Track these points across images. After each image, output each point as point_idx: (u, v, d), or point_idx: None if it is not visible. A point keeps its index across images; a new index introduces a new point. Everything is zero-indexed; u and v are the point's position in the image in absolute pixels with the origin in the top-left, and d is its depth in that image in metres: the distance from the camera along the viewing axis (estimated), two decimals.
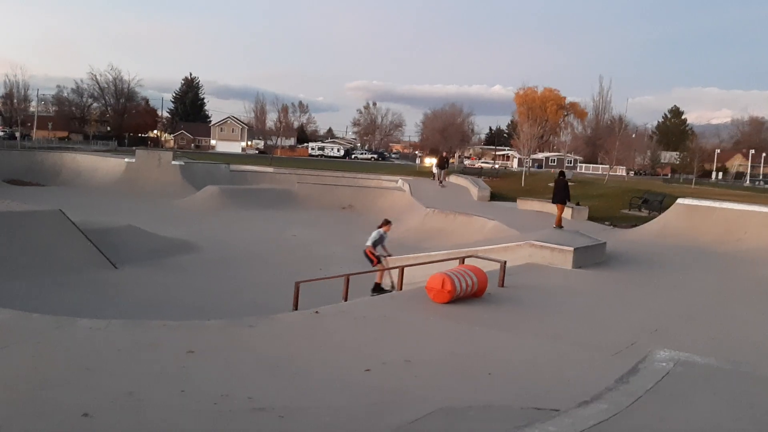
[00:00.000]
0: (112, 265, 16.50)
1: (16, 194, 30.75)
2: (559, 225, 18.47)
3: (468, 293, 9.23)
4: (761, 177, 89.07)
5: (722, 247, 16.66)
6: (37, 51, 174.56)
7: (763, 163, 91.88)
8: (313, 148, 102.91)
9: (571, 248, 13.11)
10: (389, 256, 14.09)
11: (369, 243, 13.80)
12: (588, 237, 15.10)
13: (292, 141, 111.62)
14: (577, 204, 27.21)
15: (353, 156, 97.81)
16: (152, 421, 4.57)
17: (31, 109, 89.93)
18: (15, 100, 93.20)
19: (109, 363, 5.84)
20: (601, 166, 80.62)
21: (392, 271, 13.09)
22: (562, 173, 20.73)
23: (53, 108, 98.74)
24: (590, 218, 25.89)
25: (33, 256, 15.04)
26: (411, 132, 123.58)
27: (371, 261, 13.64)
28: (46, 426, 4.32)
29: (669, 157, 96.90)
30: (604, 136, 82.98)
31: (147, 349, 6.41)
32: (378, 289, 13.30)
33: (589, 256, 13.66)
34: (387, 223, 14.64)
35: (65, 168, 45.60)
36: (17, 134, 74.11)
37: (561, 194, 19.43)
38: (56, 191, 36.88)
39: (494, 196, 35.07)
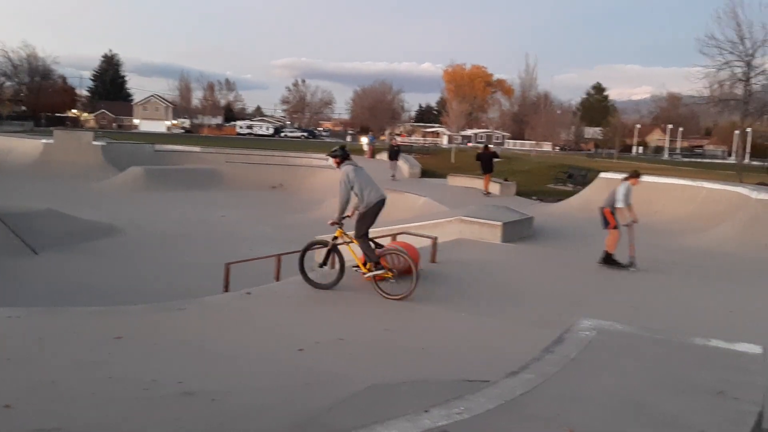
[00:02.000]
0: (31, 250, 15.82)
1: None
2: (487, 191, 23.62)
3: (400, 270, 9.31)
4: (678, 150, 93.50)
5: (643, 219, 17.37)
6: None
7: (681, 138, 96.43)
8: (241, 127, 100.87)
9: (500, 223, 13.42)
10: (634, 222, 11.47)
11: (616, 202, 11.34)
12: (516, 212, 15.48)
13: (219, 119, 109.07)
14: (506, 179, 27.88)
15: (283, 134, 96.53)
16: (80, 409, 4.43)
17: None
18: None
19: (30, 352, 5.61)
20: (528, 142, 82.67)
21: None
22: (486, 146, 26.07)
23: None
24: (518, 193, 26.59)
25: None
26: (341, 110, 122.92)
27: (607, 223, 11.37)
28: None
29: (592, 132, 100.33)
30: (530, 113, 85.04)
31: (71, 336, 6.20)
32: (609, 260, 11.31)
33: (517, 231, 14.02)
34: (635, 175, 11.94)
35: None
36: None
37: (488, 164, 24.62)
38: None
39: (425, 173, 35.42)
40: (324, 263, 9.40)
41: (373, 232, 14.19)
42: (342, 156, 8.81)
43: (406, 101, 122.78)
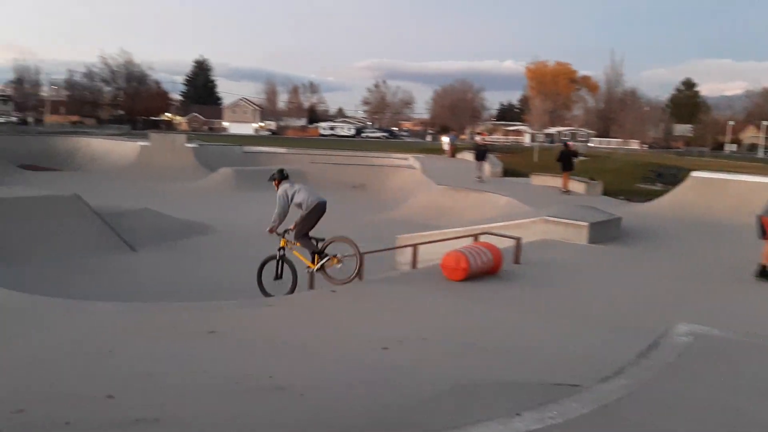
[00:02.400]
0: (130, 247, 16.69)
1: (32, 179, 31.07)
2: (566, 189, 23.22)
3: (483, 270, 9.28)
4: None
5: (737, 220, 16.52)
6: (45, 34, 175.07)
7: None
8: (324, 128, 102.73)
9: (586, 223, 13.08)
10: None
11: None
12: (603, 212, 15.05)
13: (303, 121, 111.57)
14: (591, 179, 27.10)
15: (363, 135, 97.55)
16: (176, 401, 4.67)
17: (42, 93, 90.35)
18: (26, 85, 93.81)
19: (130, 345, 5.95)
20: (614, 139, 79.95)
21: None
22: (566, 144, 25.90)
23: (65, 92, 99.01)
24: (605, 193, 25.79)
25: (51, 241, 15.24)
26: (421, 109, 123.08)
27: (763, 232, 10.09)
28: (69, 408, 4.42)
29: (682, 129, 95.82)
30: (616, 110, 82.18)
31: (167, 330, 6.52)
32: (766, 273, 10.15)
33: (604, 231, 13.63)
34: None
35: (79, 152, 45.90)
36: (29, 119, 74.40)
37: (567, 162, 24.22)
38: (71, 176, 37.17)
39: (507, 172, 34.93)
40: (278, 276, 10.08)
41: (454, 232, 14.22)
42: (280, 177, 10.14)
43: (487, 99, 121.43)
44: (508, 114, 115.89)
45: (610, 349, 5.82)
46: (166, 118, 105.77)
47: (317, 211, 9.83)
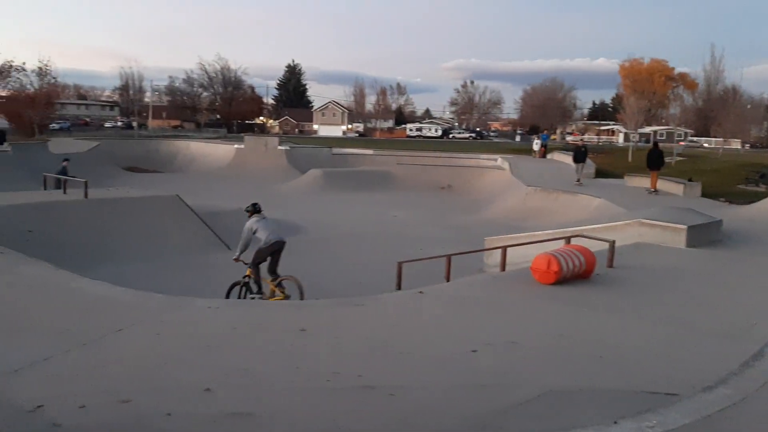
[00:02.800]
0: (226, 246, 17.37)
1: (135, 181, 32.92)
2: (654, 189, 23.23)
3: (575, 274, 9.03)
4: None
5: None
6: (148, 43, 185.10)
7: None
8: (410, 129, 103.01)
9: (684, 226, 12.46)
10: None
11: None
12: (702, 214, 14.29)
13: (390, 123, 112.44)
14: (690, 180, 25.83)
15: (451, 136, 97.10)
16: (269, 396, 4.83)
17: (146, 99, 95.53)
18: (131, 91, 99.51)
19: (226, 341, 6.20)
20: (714, 139, 75.72)
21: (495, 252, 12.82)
22: (655, 143, 25.89)
23: (166, 98, 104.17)
24: (704, 194, 24.50)
25: (153, 239, 16.09)
26: (510, 109, 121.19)
27: None
28: (170, 400, 4.65)
29: None
30: (716, 108, 77.87)
31: (261, 327, 6.75)
32: None
33: (703, 235, 12.94)
34: None
35: (179, 155, 48.22)
36: (134, 124, 78.86)
37: (656, 162, 23.91)
38: (172, 177, 39.14)
39: (599, 173, 33.84)
40: (240, 296, 11.35)
41: (544, 234, 13.93)
42: (252, 211, 11.74)
43: (579, 99, 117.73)
44: (600, 113, 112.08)
45: (712, 358, 5.52)
46: (260, 122, 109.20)
47: (273, 247, 11.17)
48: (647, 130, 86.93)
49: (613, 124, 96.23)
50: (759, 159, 41.80)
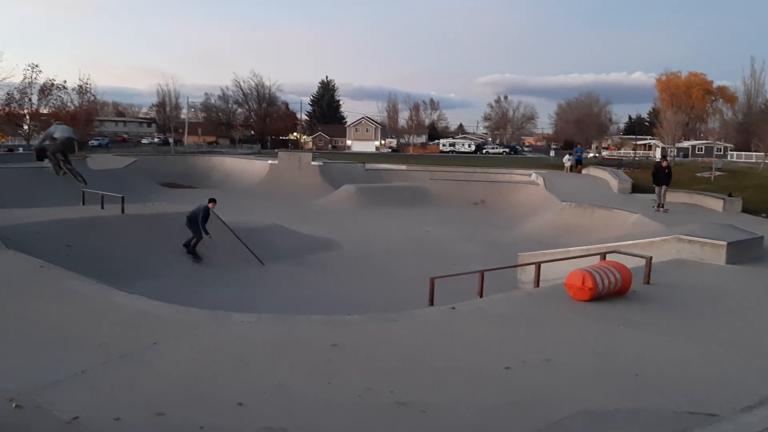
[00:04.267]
0: (259, 262, 17.52)
1: (172, 196, 33.48)
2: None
3: (611, 291, 8.88)
4: None
5: None
6: (186, 61, 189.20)
7: None
8: (444, 145, 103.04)
9: (724, 243, 12.17)
10: None
11: None
12: (743, 230, 13.94)
13: (423, 138, 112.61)
14: (729, 195, 25.25)
15: (484, 151, 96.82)
16: (302, 412, 4.84)
17: (182, 116, 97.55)
18: (168, 108, 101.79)
19: (260, 355, 6.24)
20: (755, 153, 73.91)
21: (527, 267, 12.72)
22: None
23: (202, 114, 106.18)
24: (744, 210, 23.93)
25: (187, 254, 16.31)
26: (544, 124, 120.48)
27: None
28: (205, 413, 4.70)
29: None
30: (757, 122, 76.07)
31: (294, 342, 6.77)
32: None
33: (744, 251, 12.60)
34: None
35: (215, 171, 48.90)
36: (171, 140, 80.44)
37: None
38: (208, 193, 39.63)
39: (636, 188, 33.30)
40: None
41: (579, 250, 13.76)
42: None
43: (615, 113, 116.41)
44: (636, 127, 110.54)
45: (753, 378, 5.37)
46: (294, 138, 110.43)
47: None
48: (685, 144, 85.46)
49: (650, 139, 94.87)
50: None
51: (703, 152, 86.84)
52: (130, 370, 5.64)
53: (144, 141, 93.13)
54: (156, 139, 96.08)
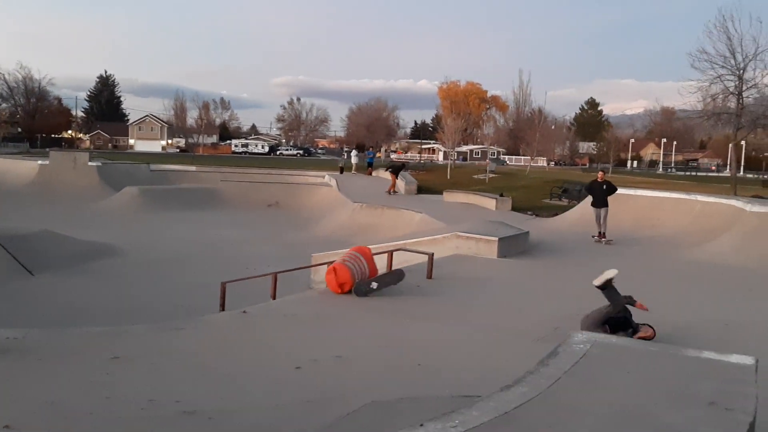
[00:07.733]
0: (28, 272, 15.79)
1: None
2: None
3: (361, 271, 9.23)
4: (673, 165, 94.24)
5: (639, 233, 17.53)
6: None
7: (675, 151, 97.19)
8: (236, 146, 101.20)
9: (496, 238, 13.46)
10: None
11: None
12: (512, 227, 15.54)
13: (214, 138, 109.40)
14: (501, 195, 28.02)
15: (278, 152, 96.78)
16: (79, 429, 4.45)
17: None
18: None
19: (29, 373, 5.62)
20: (523, 157, 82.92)
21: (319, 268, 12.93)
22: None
23: None
24: (514, 208, 26.71)
25: None
26: (337, 127, 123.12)
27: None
28: None
29: (587, 147, 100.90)
30: (525, 129, 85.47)
31: (69, 357, 6.20)
32: None
33: (513, 246, 14.07)
34: None
35: None
36: None
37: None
38: None
39: (421, 189, 35.56)
40: None
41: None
42: None
43: (402, 118, 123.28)
44: (422, 132, 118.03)
45: (516, 359, 6.00)
46: (68, 136, 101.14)
47: None
48: (464, 148, 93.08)
49: (434, 143, 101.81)
50: (562, 175, 46.48)
51: (479, 156, 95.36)
52: None
53: None
54: None
